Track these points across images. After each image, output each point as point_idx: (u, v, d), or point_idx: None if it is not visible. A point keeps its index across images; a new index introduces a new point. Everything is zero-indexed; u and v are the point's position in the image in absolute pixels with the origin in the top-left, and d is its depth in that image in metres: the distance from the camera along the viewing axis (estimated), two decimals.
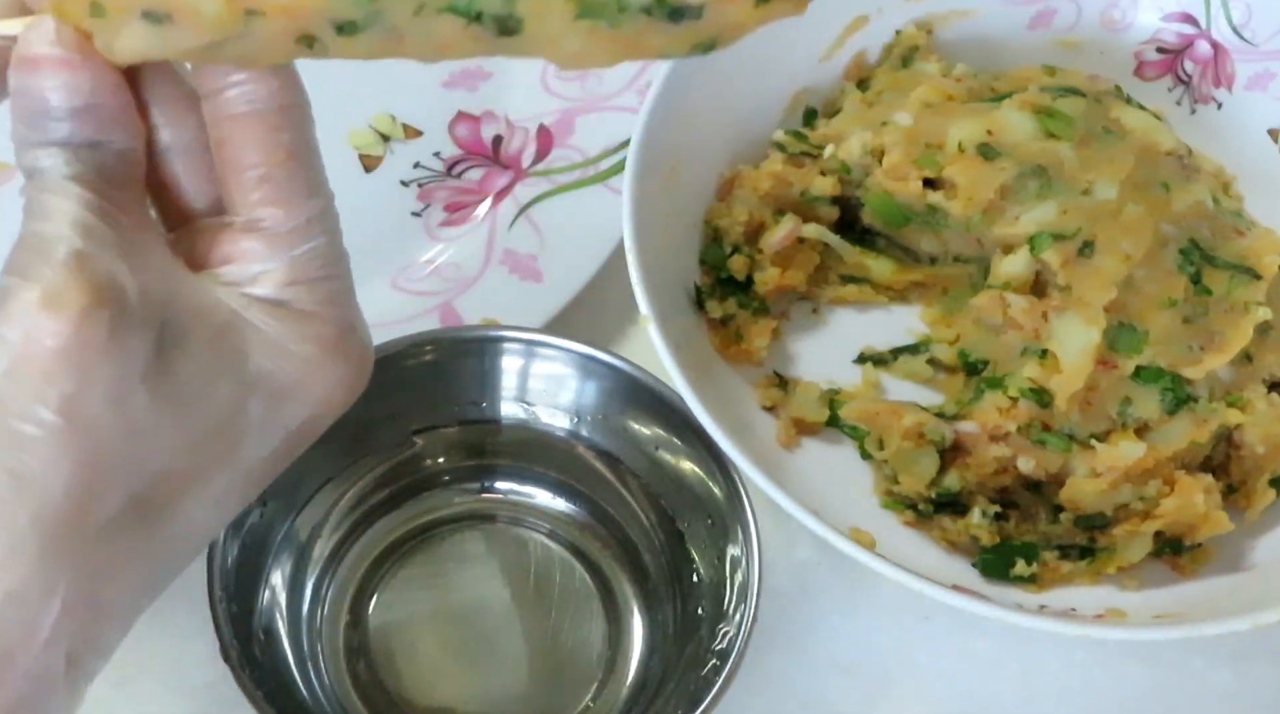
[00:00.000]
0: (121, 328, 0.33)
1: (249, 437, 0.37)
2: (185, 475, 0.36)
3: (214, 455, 0.36)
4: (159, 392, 0.34)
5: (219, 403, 0.36)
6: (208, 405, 0.36)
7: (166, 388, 0.34)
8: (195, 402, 0.35)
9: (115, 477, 0.34)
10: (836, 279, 0.66)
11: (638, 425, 0.57)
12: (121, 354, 0.33)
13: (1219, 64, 0.71)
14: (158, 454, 0.35)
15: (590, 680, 0.57)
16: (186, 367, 0.35)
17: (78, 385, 0.33)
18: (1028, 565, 0.59)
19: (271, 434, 0.37)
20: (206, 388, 0.35)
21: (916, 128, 0.63)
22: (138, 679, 0.58)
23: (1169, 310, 0.59)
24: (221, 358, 0.36)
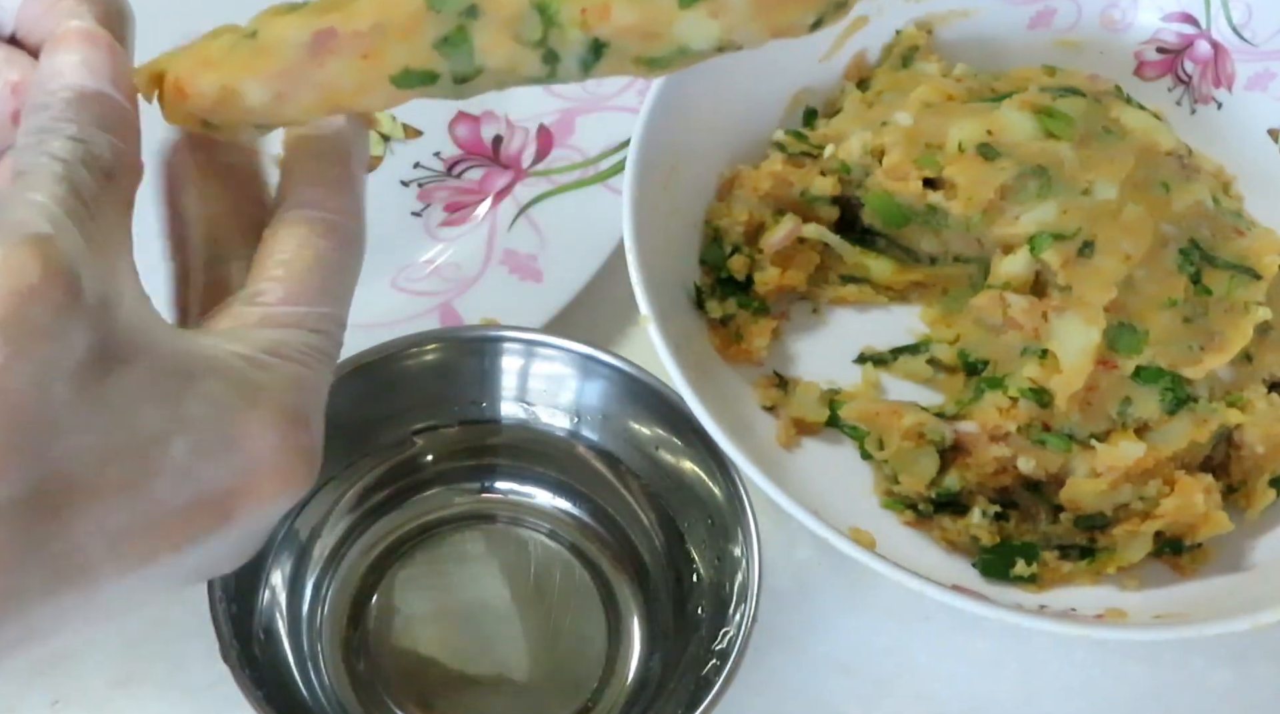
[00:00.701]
0: (66, 316, 0.33)
1: (161, 476, 0.35)
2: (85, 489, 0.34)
3: (119, 478, 0.34)
4: (84, 391, 0.33)
5: (141, 426, 0.34)
6: (128, 423, 0.34)
7: (93, 391, 0.33)
8: (116, 414, 0.34)
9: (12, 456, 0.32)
10: (836, 279, 0.66)
11: (638, 425, 0.57)
12: (59, 342, 0.33)
13: (1219, 64, 0.71)
14: (62, 452, 0.33)
15: (590, 680, 0.57)
16: (121, 380, 0.34)
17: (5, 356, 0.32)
18: (1028, 565, 0.59)
19: (184, 485, 0.35)
20: (133, 406, 0.34)
21: (916, 128, 0.63)
22: (138, 679, 0.58)
23: (1169, 310, 0.59)
24: (159, 384, 0.35)
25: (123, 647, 0.59)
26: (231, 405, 0.36)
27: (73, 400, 0.33)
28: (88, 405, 0.33)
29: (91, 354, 0.33)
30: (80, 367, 0.33)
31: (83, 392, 0.33)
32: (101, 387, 0.34)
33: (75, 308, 0.33)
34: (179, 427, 0.35)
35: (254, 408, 0.36)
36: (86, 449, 0.34)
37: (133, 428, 0.34)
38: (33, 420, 0.33)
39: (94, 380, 0.34)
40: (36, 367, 0.32)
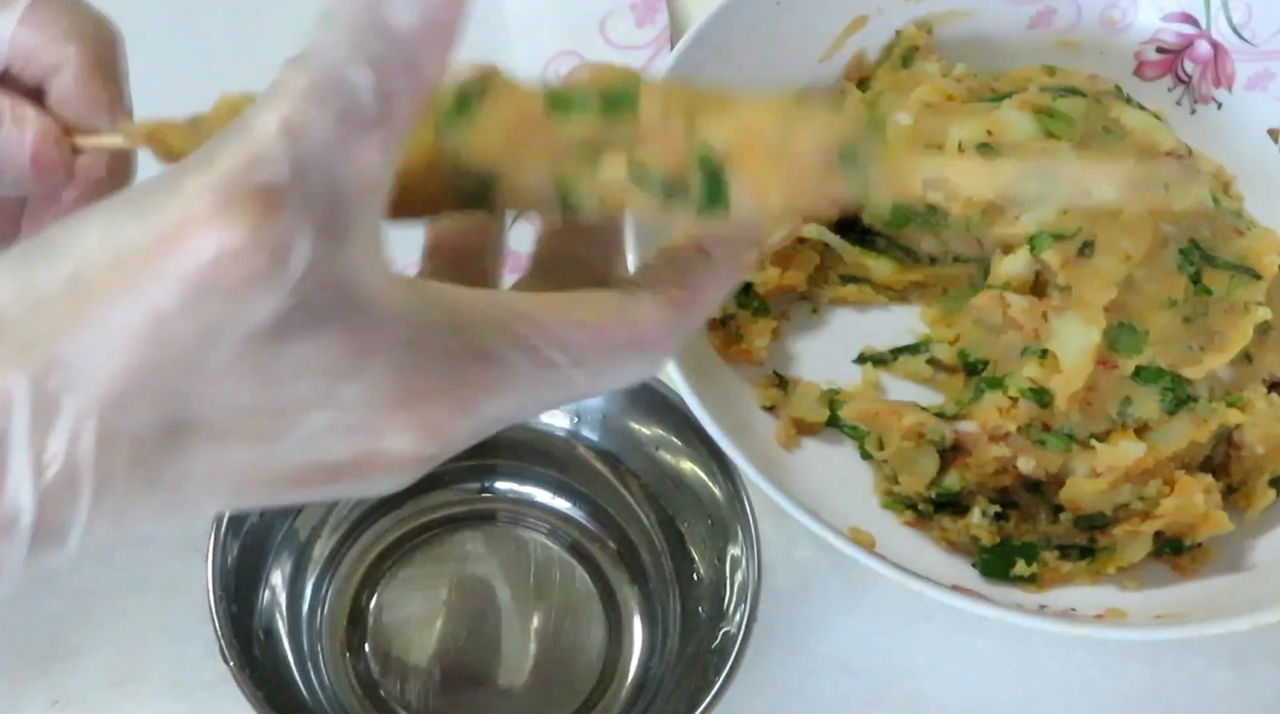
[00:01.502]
0: (260, 285, 0.31)
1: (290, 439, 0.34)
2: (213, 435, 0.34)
3: (249, 433, 0.34)
4: (249, 354, 0.32)
5: (292, 394, 0.34)
6: (281, 390, 0.33)
7: (259, 356, 0.32)
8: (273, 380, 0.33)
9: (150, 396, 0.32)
10: (836, 279, 0.66)
11: (638, 425, 0.57)
12: (241, 307, 0.31)
13: (1219, 64, 0.71)
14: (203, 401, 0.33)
15: (590, 680, 0.57)
16: (293, 349, 0.33)
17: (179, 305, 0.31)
18: (1028, 565, 0.59)
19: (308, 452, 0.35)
20: (294, 376, 0.33)
21: (916, 128, 0.63)
22: (138, 679, 0.58)
23: (1169, 310, 0.59)
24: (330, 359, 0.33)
25: (123, 647, 0.59)
26: (388, 399, 0.34)
27: (234, 360, 0.32)
28: (248, 367, 0.33)
29: (273, 322, 0.32)
30: (255, 331, 0.32)
31: (248, 354, 0.32)
32: (270, 352, 0.33)
33: (273, 278, 0.31)
34: (328, 403, 0.34)
35: (405, 409, 0.35)
36: (230, 404, 0.33)
37: (283, 395, 0.34)
38: (184, 369, 0.32)
39: (264, 346, 0.33)
40: (208, 323, 0.32)
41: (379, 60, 0.32)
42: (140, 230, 0.32)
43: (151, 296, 0.31)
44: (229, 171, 0.31)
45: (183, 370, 0.32)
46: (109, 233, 0.32)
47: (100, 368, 0.32)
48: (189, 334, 0.32)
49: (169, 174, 0.32)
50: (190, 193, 0.31)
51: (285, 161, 0.32)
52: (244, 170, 0.31)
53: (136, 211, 0.32)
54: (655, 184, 0.35)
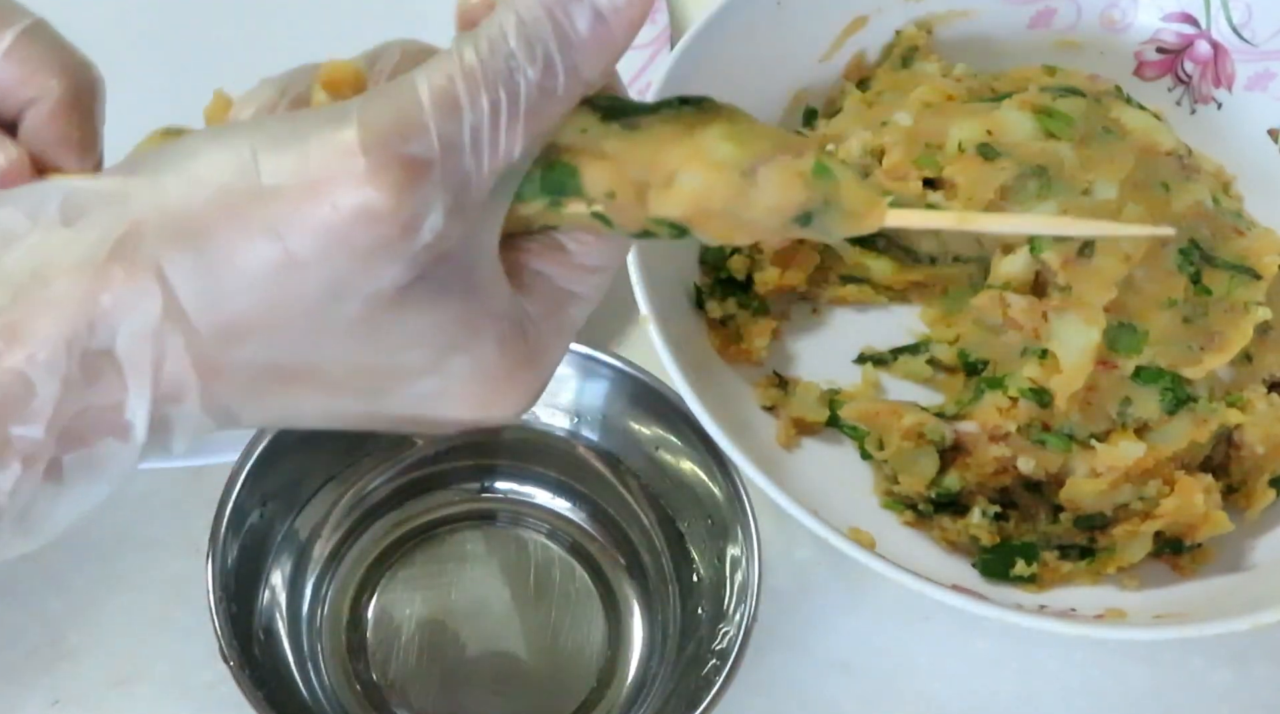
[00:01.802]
0: (390, 252, 0.32)
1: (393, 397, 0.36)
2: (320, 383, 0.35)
3: (355, 387, 0.35)
4: (369, 318, 0.33)
5: (403, 360, 0.35)
6: (393, 355, 0.35)
7: (378, 320, 0.34)
8: (388, 345, 0.34)
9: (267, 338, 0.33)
10: (836, 279, 0.66)
11: (638, 425, 0.57)
12: (368, 270, 0.32)
13: (1219, 64, 0.71)
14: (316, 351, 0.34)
15: (590, 680, 0.57)
16: (410, 318, 0.34)
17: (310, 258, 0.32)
18: (1028, 565, 0.59)
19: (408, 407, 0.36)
20: (408, 344, 0.34)
21: (916, 128, 0.63)
22: (138, 679, 0.58)
23: (1169, 310, 0.59)
24: (444, 333, 0.35)
25: (123, 647, 0.59)
26: (493, 374, 0.36)
27: (354, 320, 0.33)
28: (366, 329, 0.34)
29: (396, 289, 0.33)
30: (378, 296, 0.33)
31: (368, 317, 0.33)
32: (389, 318, 0.34)
33: (403, 246, 0.32)
34: (435, 371, 0.35)
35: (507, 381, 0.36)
36: (341, 359, 0.34)
37: (395, 359, 0.35)
38: (306, 318, 0.33)
39: (384, 311, 0.33)
40: (334, 281, 0.32)
41: (547, 58, 0.33)
42: (288, 169, 0.32)
43: (289, 239, 0.32)
44: (384, 131, 0.32)
45: (304, 319, 0.33)
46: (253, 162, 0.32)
47: (229, 295, 0.33)
48: (316, 285, 0.32)
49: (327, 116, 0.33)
50: (344, 145, 0.32)
51: (435, 136, 0.32)
52: (398, 135, 0.32)
53: (289, 148, 0.32)
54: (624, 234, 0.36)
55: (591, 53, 0.33)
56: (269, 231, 0.32)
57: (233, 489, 0.52)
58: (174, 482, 0.61)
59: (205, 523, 0.52)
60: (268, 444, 0.53)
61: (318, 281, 0.32)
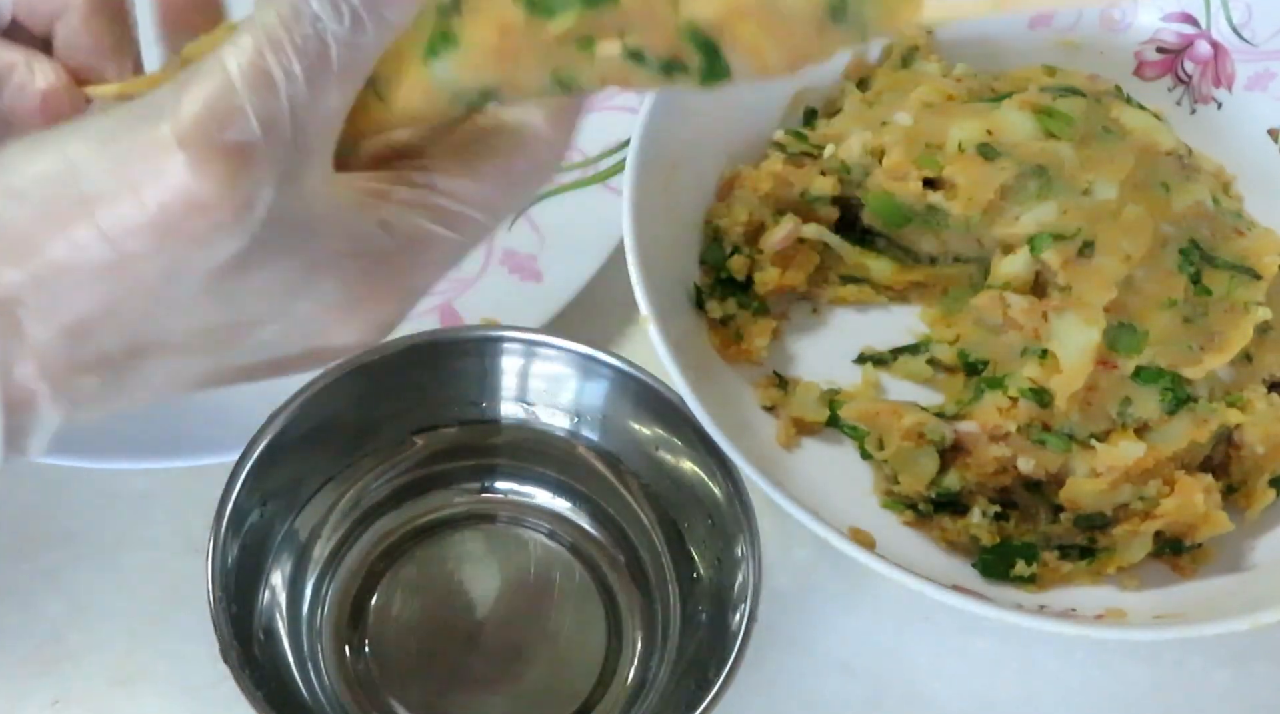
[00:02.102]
0: (224, 232, 0.32)
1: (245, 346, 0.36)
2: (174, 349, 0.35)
3: (206, 346, 0.35)
4: (210, 287, 0.34)
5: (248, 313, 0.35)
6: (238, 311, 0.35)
7: (219, 288, 0.34)
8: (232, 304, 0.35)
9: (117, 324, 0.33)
10: (836, 279, 0.66)
11: (638, 425, 0.57)
12: (206, 251, 0.33)
13: (1219, 64, 0.71)
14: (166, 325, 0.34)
15: (590, 680, 0.57)
16: (251, 278, 0.34)
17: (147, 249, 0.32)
18: (1028, 565, 0.59)
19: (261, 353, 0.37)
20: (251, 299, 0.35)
21: (916, 128, 0.63)
22: (138, 679, 0.58)
23: (1169, 310, 0.59)
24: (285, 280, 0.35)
25: (123, 647, 0.59)
26: (336, 306, 0.36)
27: (195, 292, 0.34)
28: (208, 297, 0.34)
29: (234, 261, 0.33)
30: (216, 269, 0.33)
31: (208, 288, 0.34)
32: (230, 284, 0.34)
33: (237, 226, 0.32)
34: (282, 317, 0.35)
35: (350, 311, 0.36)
36: (188, 326, 0.35)
37: (240, 314, 0.35)
38: (148, 302, 0.33)
39: (224, 279, 0.34)
40: (173, 264, 0.33)
41: (353, 13, 0.32)
42: (109, 172, 0.32)
43: (119, 241, 0.32)
44: (201, 123, 0.32)
45: (146, 304, 0.33)
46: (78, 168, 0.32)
47: (66, 299, 0.33)
48: (154, 273, 0.33)
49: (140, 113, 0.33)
50: (163, 142, 0.32)
51: (255, 117, 0.32)
52: (216, 123, 0.32)
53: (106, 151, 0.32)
54: (653, 65, 0.34)
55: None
56: (98, 237, 0.32)
57: (233, 489, 0.52)
58: (174, 482, 0.61)
59: (205, 523, 0.51)
60: (268, 444, 0.53)
61: (154, 271, 0.33)
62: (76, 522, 0.61)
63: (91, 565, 0.60)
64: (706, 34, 0.34)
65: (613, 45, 0.34)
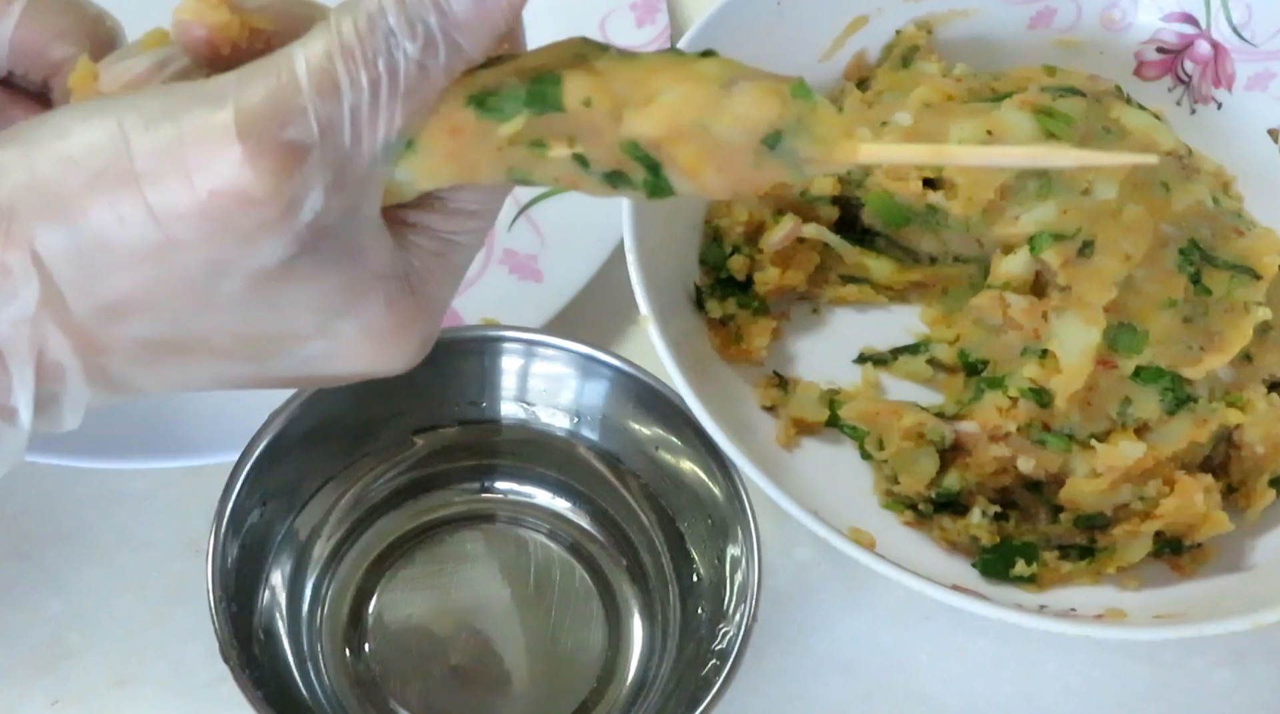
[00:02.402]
0: (270, 232, 0.32)
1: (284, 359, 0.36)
2: (214, 351, 0.35)
3: (247, 353, 0.35)
4: (254, 291, 0.33)
5: (291, 326, 0.35)
6: (281, 322, 0.35)
7: (263, 293, 0.34)
8: (275, 314, 0.34)
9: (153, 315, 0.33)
10: (836, 279, 0.66)
11: (638, 425, 0.57)
12: (250, 249, 0.32)
13: (1219, 64, 0.71)
14: (206, 324, 0.34)
15: (590, 680, 0.57)
16: (295, 289, 0.34)
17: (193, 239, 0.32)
18: (1028, 565, 0.59)
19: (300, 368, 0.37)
20: (295, 312, 0.35)
21: (916, 128, 0.63)
22: (138, 679, 0.58)
23: (1169, 310, 0.59)
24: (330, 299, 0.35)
25: (123, 647, 0.59)
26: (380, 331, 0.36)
27: (239, 294, 0.33)
28: (252, 301, 0.34)
29: (279, 265, 0.33)
30: (262, 272, 0.33)
31: (253, 291, 0.34)
32: (274, 291, 0.34)
33: (283, 227, 0.32)
34: (326, 335, 0.35)
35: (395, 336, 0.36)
36: (231, 330, 0.34)
37: (281, 327, 0.35)
38: (190, 295, 0.33)
39: (269, 284, 0.34)
40: (214, 261, 0.33)
41: (427, 35, 0.32)
42: (162, 152, 0.32)
43: (166, 223, 0.32)
44: (261, 116, 0.32)
45: (188, 296, 0.33)
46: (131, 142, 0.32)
47: (106, 275, 0.32)
48: (196, 264, 0.32)
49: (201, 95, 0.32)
50: (221, 129, 0.32)
51: (315, 120, 0.32)
52: (275, 119, 0.32)
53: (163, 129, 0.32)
54: (598, 174, 0.35)
55: (473, 28, 0.33)
56: (145, 215, 0.32)
57: (233, 489, 0.52)
58: (174, 482, 0.61)
59: (205, 523, 0.51)
60: (268, 444, 0.53)
61: (197, 261, 0.32)
62: (76, 522, 0.61)
63: (91, 565, 0.60)
64: (646, 154, 0.34)
65: (562, 149, 0.34)
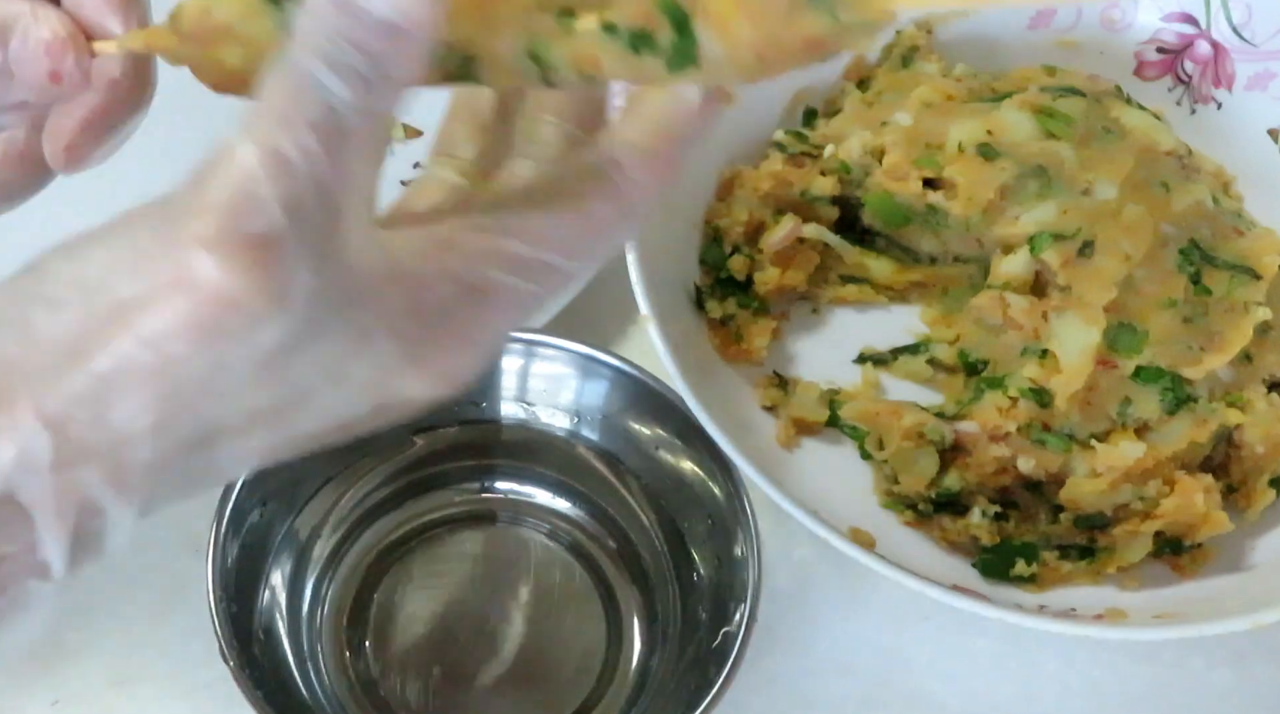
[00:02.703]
0: (262, 324, 0.32)
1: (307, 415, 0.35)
2: (237, 431, 0.34)
3: (269, 422, 0.35)
4: (260, 372, 0.33)
5: (304, 386, 0.34)
6: (293, 386, 0.34)
7: (269, 371, 0.33)
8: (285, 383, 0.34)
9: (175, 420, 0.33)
10: (836, 279, 0.66)
11: (638, 425, 0.57)
12: (246, 344, 0.32)
13: (1219, 64, 0.71)
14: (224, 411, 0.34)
15: (590, 680, 0.57)
16: (300, 358, 0.34)
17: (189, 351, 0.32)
18: (1028, 565, 0.59)
19: (325, 420, 0.36)
20: (305, 375, 0.34)
21: (916, 128, 0.63)
22: (138, 679, 0.58)
23: (1169, 310, 0.59)
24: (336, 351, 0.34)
25: (123, 646, 0.59)
26: (397, 365, 0.35)
27: (246, 378, 0.33)
28: (260, 380, 0.33)
29: (279, 346, 0.33)
30: (264, 355, 0.33)
31: (259, 372, 0.33)
32: (280, 364, 0.33)
33: (275, 315, 0.32)
34: (341, 382, 0.35)
35: (414, 366, 0.35)
36: (248, 408, 0.34)
37: (296, 389, 0.34)
38: (199, 396, 0.33)
39: (274, 360, 0.33)
40: (215, 362, 0.32)
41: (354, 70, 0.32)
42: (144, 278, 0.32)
43: (161, 345, 0.32)
44: (223, 220, 0.31)
45: (197, 399, 0.33)
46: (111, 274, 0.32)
47: (117, 408, 0.32)
48: (200, 370, 0.32)
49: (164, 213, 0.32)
50: (188, 243, 0.32)
51: (277, 204, 0.31)
52: (237, 218, 0.31)
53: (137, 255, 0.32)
54: (624, 39, 0.34)
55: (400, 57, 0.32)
56: (139, 344, 0.32)
57: (233, 489, 0.52)
58: None
59: (205, 523, 0.52)
60: None
61: (199, 368, 0.32)
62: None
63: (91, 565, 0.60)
64: (679, 8, 0.34)
65: (590, 22, 0.34)
